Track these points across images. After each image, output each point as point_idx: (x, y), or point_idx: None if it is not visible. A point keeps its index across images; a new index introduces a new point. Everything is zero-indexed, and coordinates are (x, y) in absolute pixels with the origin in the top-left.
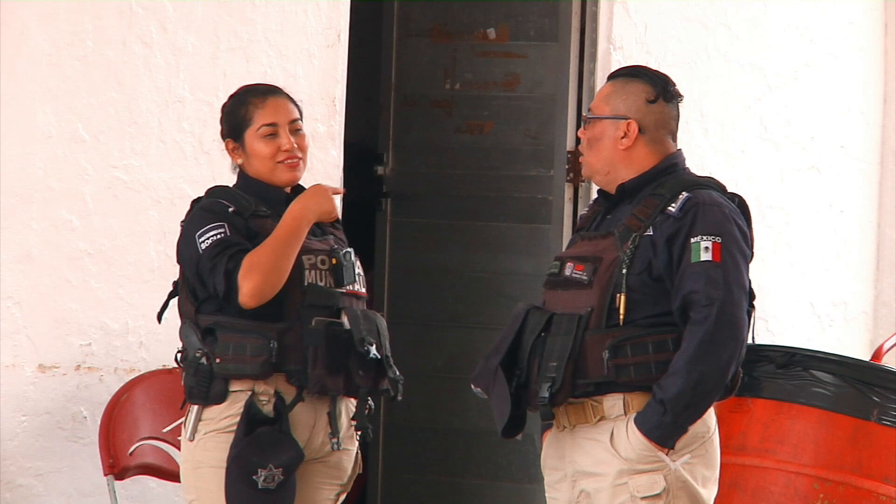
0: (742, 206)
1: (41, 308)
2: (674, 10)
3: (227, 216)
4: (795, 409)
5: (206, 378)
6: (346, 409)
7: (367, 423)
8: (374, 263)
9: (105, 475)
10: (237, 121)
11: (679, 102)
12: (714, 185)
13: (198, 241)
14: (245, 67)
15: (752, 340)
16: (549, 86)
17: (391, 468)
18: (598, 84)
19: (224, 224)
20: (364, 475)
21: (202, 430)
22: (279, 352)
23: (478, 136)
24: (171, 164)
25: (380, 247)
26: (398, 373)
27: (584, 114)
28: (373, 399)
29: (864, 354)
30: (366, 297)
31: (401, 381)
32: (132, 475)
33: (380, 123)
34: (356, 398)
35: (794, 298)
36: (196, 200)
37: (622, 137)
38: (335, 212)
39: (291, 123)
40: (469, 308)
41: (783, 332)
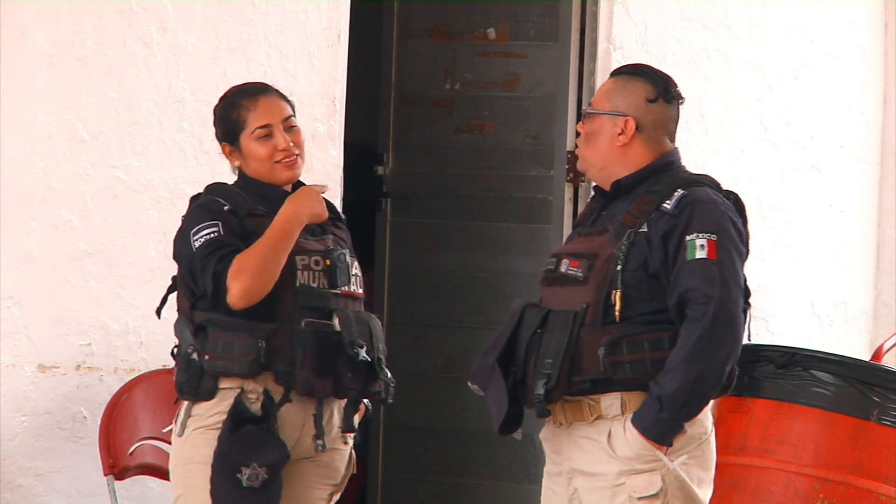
0: (738, 204)
1: (41, 308)
2: (674, 10)
3: (223, 215)
4: (795, 409)
5: (197, 374)
6: (339, 411)
7: (355, 426)
8: (374, 263)
9: (105, 475)
10: (231, 125)
11: (680, 104)
12: (709, 183)
13: (192, 239)
14: (245, 67)
15: (749, 338)
16: (549, 86)
17: (391, 468)
18: (598, 84)
19: (218, 223)
20: (364, 475)
21: (191, 426)
22: (267, 352)
23: (478, 136)
24: (171, 164)
25: (380, 247)
26: (390, 375)
27: (584, 108)
28: (371, 401)
29: (864, 354)
30: (363, 298)
31: (393, 384)
32: (132, 475)
33: (380, 123)
34: (345, 400)
35: (794, 298)
36: (195, 197)
37: (619, 134)
38: (325, 214)
39: (285, 121)
40: (469, 308)
41: (783, 332)
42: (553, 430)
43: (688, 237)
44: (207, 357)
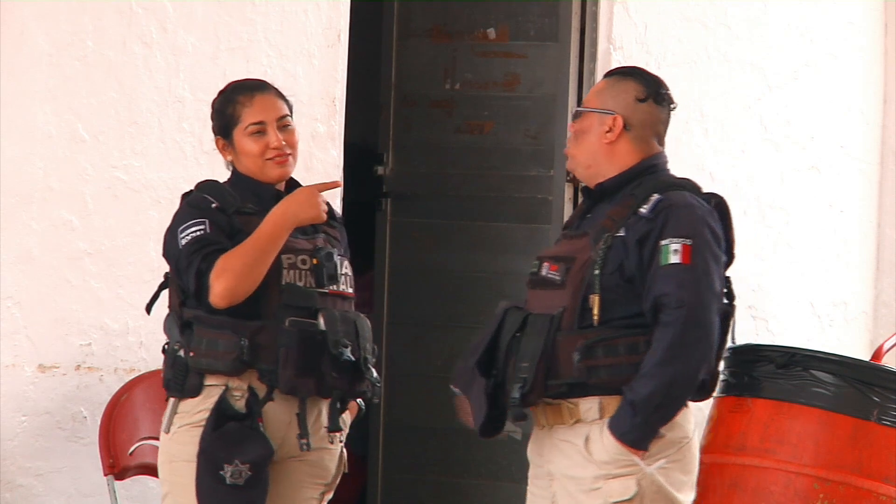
0: (721, 207)
1: (41, 308)
2: (674, 10)
3: (210, 212)
4: (795, 409)
5: (182, 371)
6: (329, 410)
7: (341, 426)
8: (374, 263)
9: (105, 475)
10: (226, 119)
11: (672, 108)
12: (689, 187)
13: (179, 237)
14: (245, 67)
15: (733, 341)
16: (549, 86)
17: (391, 468)
18: None
19: (206, 221)
20: (364, 475)
21: (177, 424)
22: (251, 350)
23: (478, 136)
24: (171, 164)
25: (380, 247)
26: (376, 375)
27: (575, 108)
28: (363, 401)
29: (864, 354)
30: (353, 298)
31: (379, 384)
32: (132, 475)
33: (380, 123)
34: (330, 399)
35: (794, 298)
36: (186, 194)
37: (607, 132)
38: (322, 216)
39: (279, 120)
40: (469, 308)
41: (783, 332)
42: (536, 433)
43: (662, 242)
44: (192, 354)
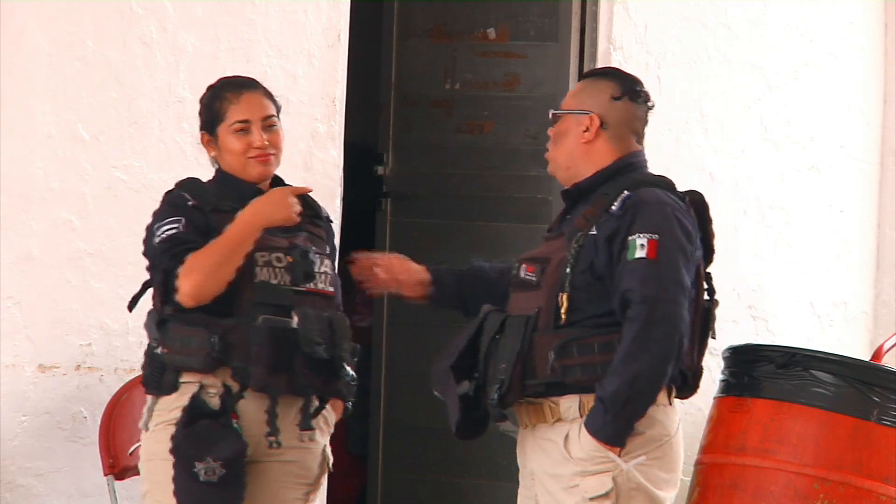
0: (698, 204)
1: (41, 308)
2: (674, 10)
3: (187, 210)
4: (795, 409)
5: (159, 368)
6: (301, 409)
7: (312, 425)
8: None
9: (105, 475)
10: (212, 115)
11: (649, 106)
12: (662, 184)
13: (154, 235)
14: (245, 67)
15: (713, 337)
16: (549, 86)
17: (391, 468)
18: None
19: (181, 219)
20: (364, 475)
21: (155, 421)
22: (223, 347)
23: (478, 136)
24: (171, 164)
25: (380, 247)
26: (352, 373)
27: (552, 112)
28: (341, 401)
29: (864, 354)
30: (333, 297)
31: (354, 383)
32: (132, 475)
33: (380, 123)
34: (303, 398)
35: (794, 298)
36: (169, 192)
37: (584, 131)
38: (293, 218)
39: (265, 120)
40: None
41: (783, 332)
42: (521, 433)
43: (630, 237)
44: (167, 351)
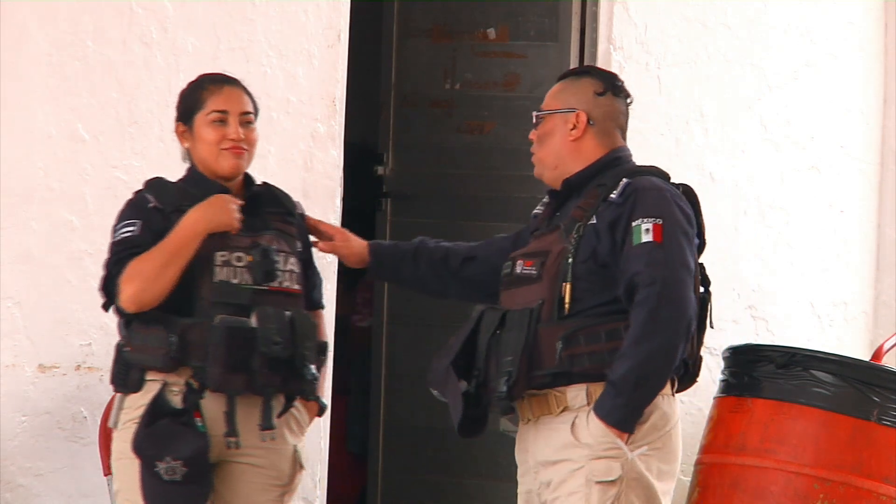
0: (689, 195)
1: (41, 308)
2: (674, 10)
3: (146, 212)
4: (795, 409)
5: (124, 366)
6: (275, 409)
7: (275, 424)
8: None
9: (105, 475)
10: (190, 102)
11: (629, 102)
12: (656, 173)
13: (113, 237)
14: (245, 67)
15: (711, 326)
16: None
17: (391, 468)
18: None
19: (138, 222)
20: (364, 475)
21: (122, 419)
22: (182, 347)
23: (478, 136)
24: (171, 164)
25: None
26: (315, 371)
27: (534, 114)
28: (303, 400)
29: (864, 354)
30: (298, 294)
31: (317, 381)
32: None
33: (380, 123)
34: (263, 397)
35: (794, 298)
36: (136, 192)
37: (572, 129)
38: (234, 224)
39: (243, 115)
40: (469, 308)
41: (783, 332)
42: (521, 430)
43: (633, 223)
44: (130, 349)
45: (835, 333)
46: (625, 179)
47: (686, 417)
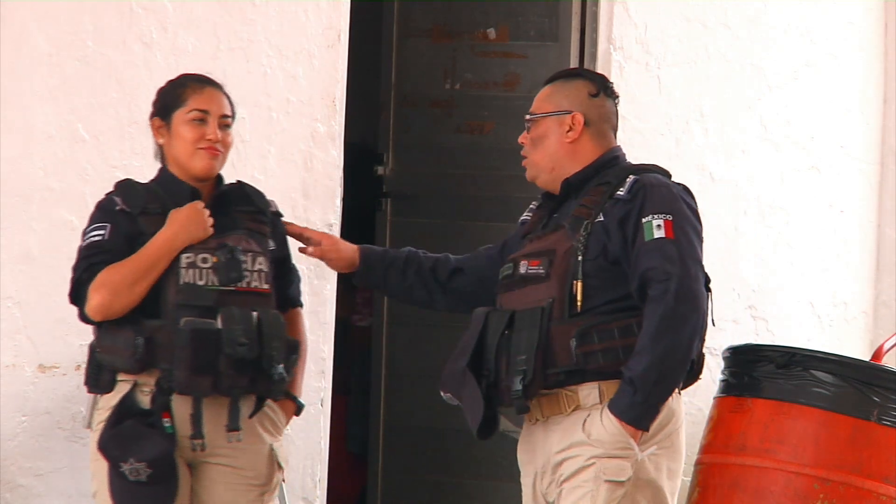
0: (687, 192)
1: (41, 308)
2: (674, 10)
3: (114, 215)
4: (795, 409)
5: (97, 367)
6: (247, 409)
7: (239, 425)
8: None
9: None
10: (170, 100)
11: (616, 102)
12: (659, 171)
13: (82, 240)
14: (245, 67)
15: (713, 324)
16: None
17: (391, 468)
18: None
19: (107, 225)
20: (364, 475)
21: (97, 419)
22: (149, 348)
23: (478, 136)
24: None
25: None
26: (283, 371)
27: (526, 117)
28: (272, 400)
29: (864, 354)
30: (268, 294)
31: (286, 381)
32: None
33: (380, 123)
34: (229, 398)
35: (794, 298)
36: (107, 194)
37: (568, 131)
38: (208, 232)
39: (222, 118)
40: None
41: (783, 332)
42: (528, 429)
43: (644, 219)
44: (100, 350)
45: (835, 333)
46: (631, 176)
47: (686, 417)
